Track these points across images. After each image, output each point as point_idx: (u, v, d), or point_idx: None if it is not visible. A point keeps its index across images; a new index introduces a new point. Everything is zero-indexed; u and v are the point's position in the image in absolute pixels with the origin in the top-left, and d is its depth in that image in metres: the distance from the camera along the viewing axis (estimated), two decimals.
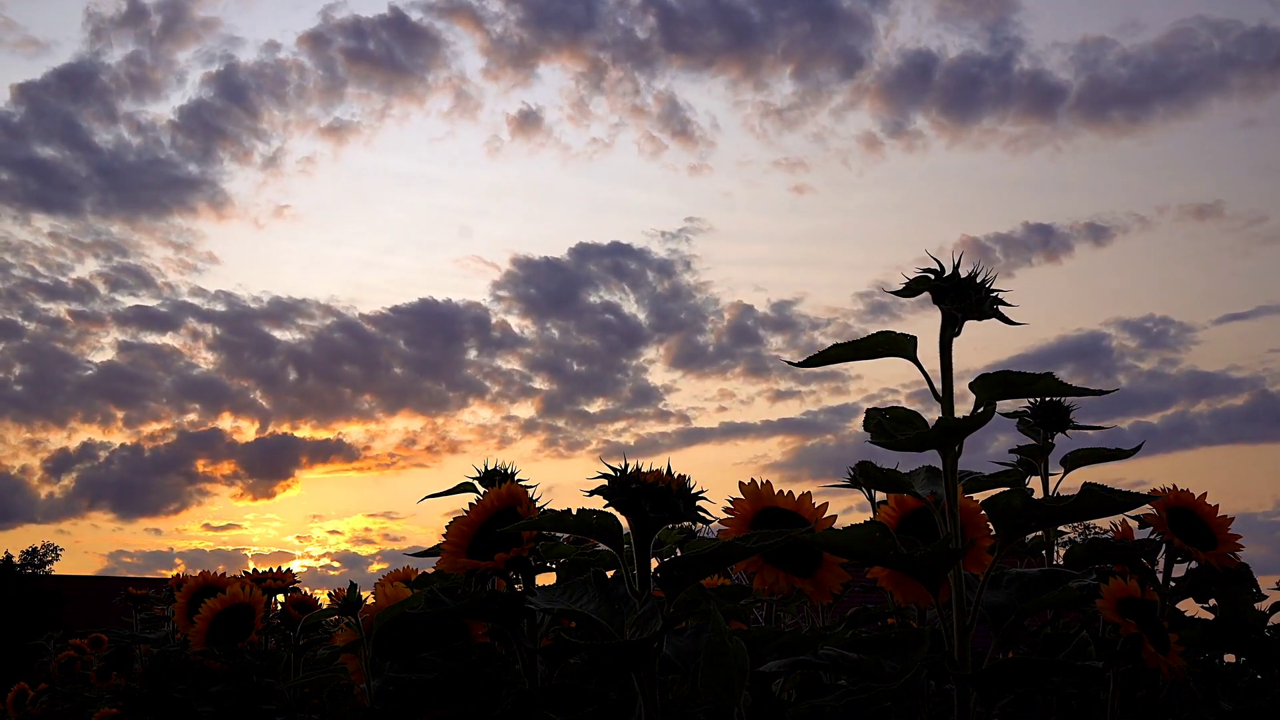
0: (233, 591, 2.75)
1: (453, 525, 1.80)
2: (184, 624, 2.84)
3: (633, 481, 1.51)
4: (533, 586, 1.81)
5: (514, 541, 1.74)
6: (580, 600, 1.56)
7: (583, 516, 1.55)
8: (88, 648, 5.18)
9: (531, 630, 1.78)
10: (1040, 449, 2.30)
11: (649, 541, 1.54)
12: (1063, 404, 2.28)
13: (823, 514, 1.66)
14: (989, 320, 1.47)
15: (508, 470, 2.11)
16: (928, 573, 1.48)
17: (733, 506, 1.66)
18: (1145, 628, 1.71)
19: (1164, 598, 1.95)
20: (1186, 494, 1.95)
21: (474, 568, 1.75)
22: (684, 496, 1.53)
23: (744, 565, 1.65)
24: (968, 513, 1.69)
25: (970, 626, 1.49)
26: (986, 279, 1.45)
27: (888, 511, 1.82)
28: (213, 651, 2.72)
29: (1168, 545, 1.95)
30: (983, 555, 1.64)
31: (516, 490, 1.81)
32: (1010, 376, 1.48)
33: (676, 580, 1.50)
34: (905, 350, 1.49)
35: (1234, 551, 1.94)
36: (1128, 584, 1.73)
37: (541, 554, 1.91)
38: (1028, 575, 1.59)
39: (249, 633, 2.73)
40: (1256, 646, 2.12)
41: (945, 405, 1.47)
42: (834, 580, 1.66)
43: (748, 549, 1.48)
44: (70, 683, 5.09)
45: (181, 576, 3.23)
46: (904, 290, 1.48)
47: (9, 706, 5.03)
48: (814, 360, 1.54)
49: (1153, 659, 1.69)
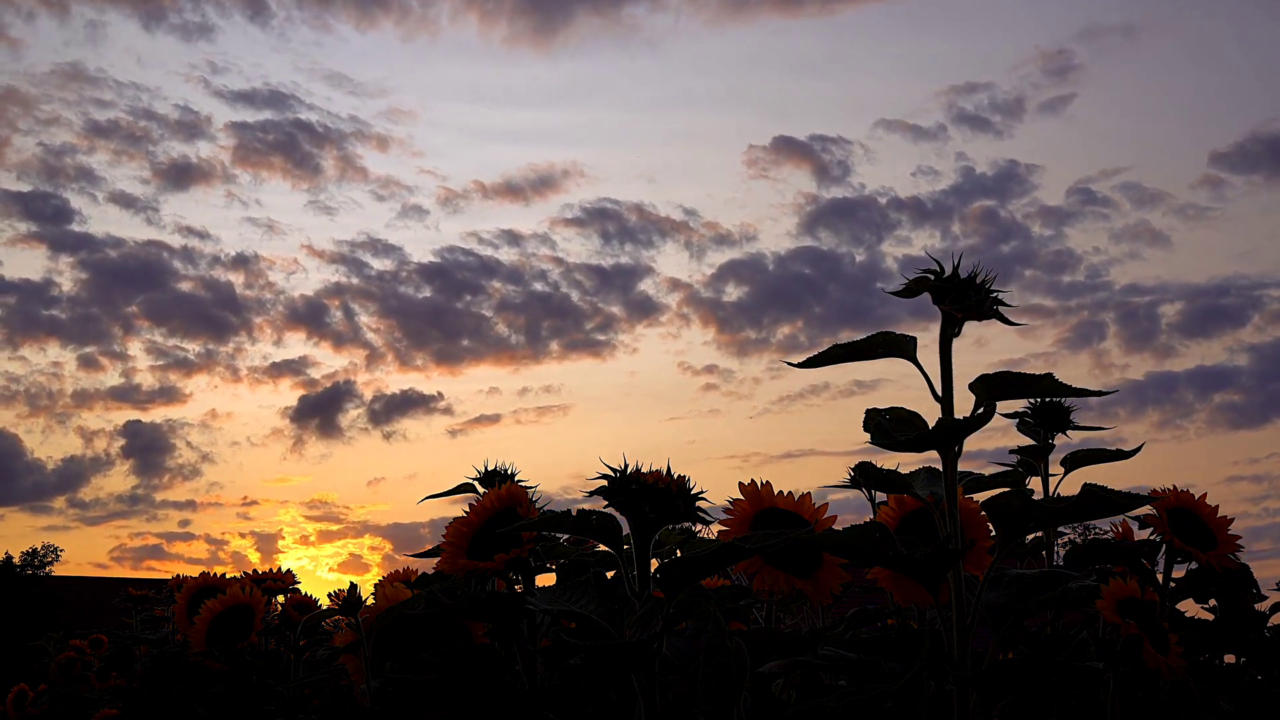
0: (232, 592, 2.75)
1: (453, 526, 1.80)
2: (184, 625, 2.84)
3: (633, 482, 1.51)
4: (532, 587, 1.81)
5: (514, 542, 1.74)
6: (580, 601, 1.56)
7: (582, 517, 1.55)
8: (87, 648, 5.18)
9: (531, 631, 1.78)
10: (1040, 449, 2.30)
11: (649, 542, 1.54)
12: (1063, 404, 2.28)
13: (823, 515, 1.66)
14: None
15: (508, 471, 2.11)
16: (928, 573, 1.48)
17: (732, 507, 1.66)
18: (1145, 628, 1.70)
19: (1164, 598, 1.95)
20: (1186, 495, 1.95)
21: (474, 568, 1.75)
22: (684, 497, 1.53)
23: (744, 566, 1.65)
24: (968, 513, 1.68)
25: (970, 627, 1.49)
26: (986, 279, 1.45)
27: (888, 512, 1.81)
28: (212, 652, 2.72)
29: (1168, 546, 1.95)
30: (983, 556, 1.64)
31: (516, 491, 1.81)
32: (1010, 377, 1.48)
33: (676, 581, 1.50)
34: (905, 350, 1.49)
35: (1234, 552, 1.94)
36: (1128, 585, 1.73)
37: (541, 555, 1.91)
38: (1028, 576, 1.58)
39: (249, 633, 2.73)
40: (1256, 647, 2.12)
41: (945, 406, 1.47)
42: (834, 581, 1.66)
43: (748, 550, 1.48)
44: (70, 683, 5.09)
45: (181, 577, 3.23)
46: (904, 291, 1.48)
47: (9, 707, 5.03)
48: (814, 361, 1.54)
49: (1152, 659, 1.69)
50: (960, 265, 1.45)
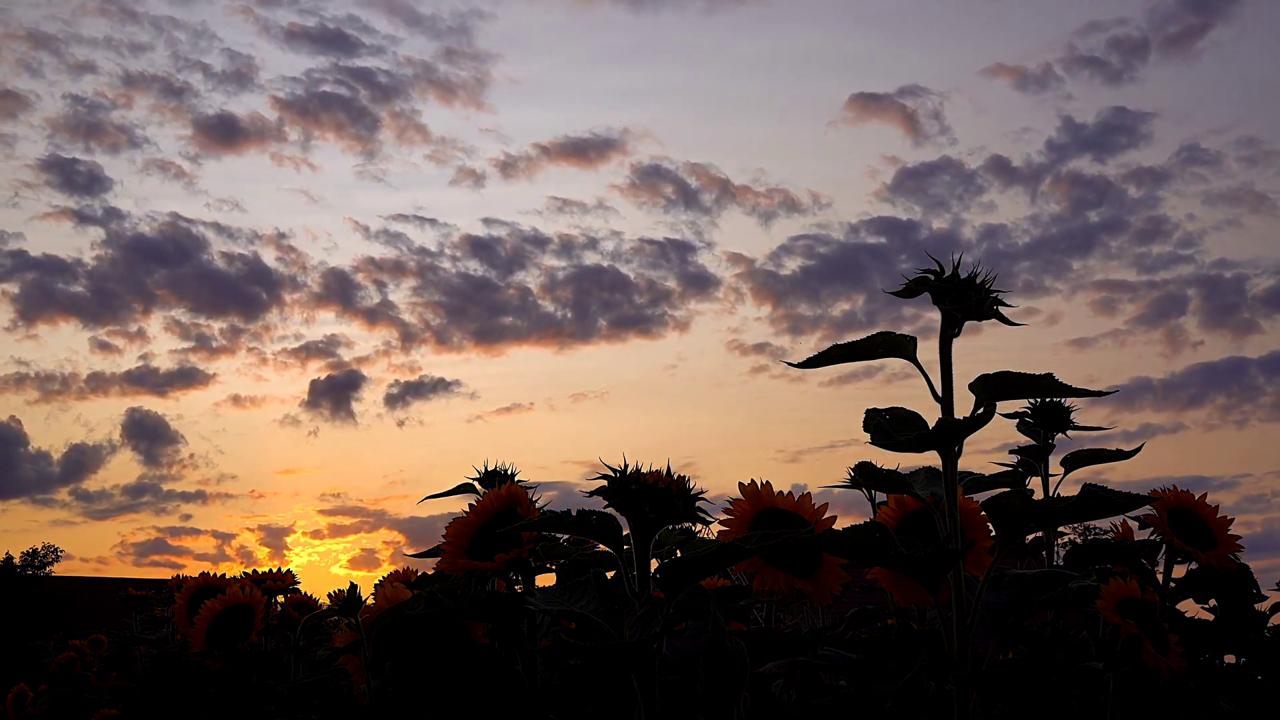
0: (232, 592, 2.75)
1: (453, 526, 1.80)
2: (184, 625, 2.83)
3: (633, 482, 1.51)
4: (532, 587, 1.81)
5: (514, 542, 1.74)
6: (580, 601, 1.56)
7: (582, 517, 1.55)
8: (87, 649, 5.18)
9: (531, 631, 1.78)
10: (1040, 449, 2.30)
11: (649, 542, 1.54)
12: (1063, 404, 2.27)
13: (823, 515, 1.66)
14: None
15: (508, 471, 2.11)
16: (928, 574, 1.48)
17: (732, 507, 1.66)
18: (1145, 628, 1.70)
19: (1164, 598, 1.95)
20: (1187, 495, 1.95)
21: (474, 569, 1.75)
22: (684, 497, 1.53)
23: (744, 566, 1.65)
24: (968, 513, 1.68)
25: (970, 627, 1.49)
26: (986, 279, 1.45)
27: (888, 512, 1.81)
28: (212, 652, 2.72)
29: (1168, 546, 1.95)
30: (983, 556, 1.64)
31: (516, 491, 1.81)
32: (1010, 377, 1.48)
33: (676, 581, 1.50)
34: (904, 351, 1.49)
35: (1234, 552, 1.94)
36: (1128, 585, 1.73)
37: (541, 554, 1.91)
38: (1028, 576, 1.58)
39: (249, 634, 2.73)
40: (1257, 647, 2.12)
41: (945, 406, 1.47)
42: (834, 581, 1.66)
43: (748, 550, 1.48)
44: (70, 684, 5.08)
45: (181, 577, 3.23)
46: (904, 291, 1.48)
47: (9, 707, 5.03)
48: (813, 361, 1.54)
49: (1152, 659, 1.69)
50: (960, 265, 1.45)
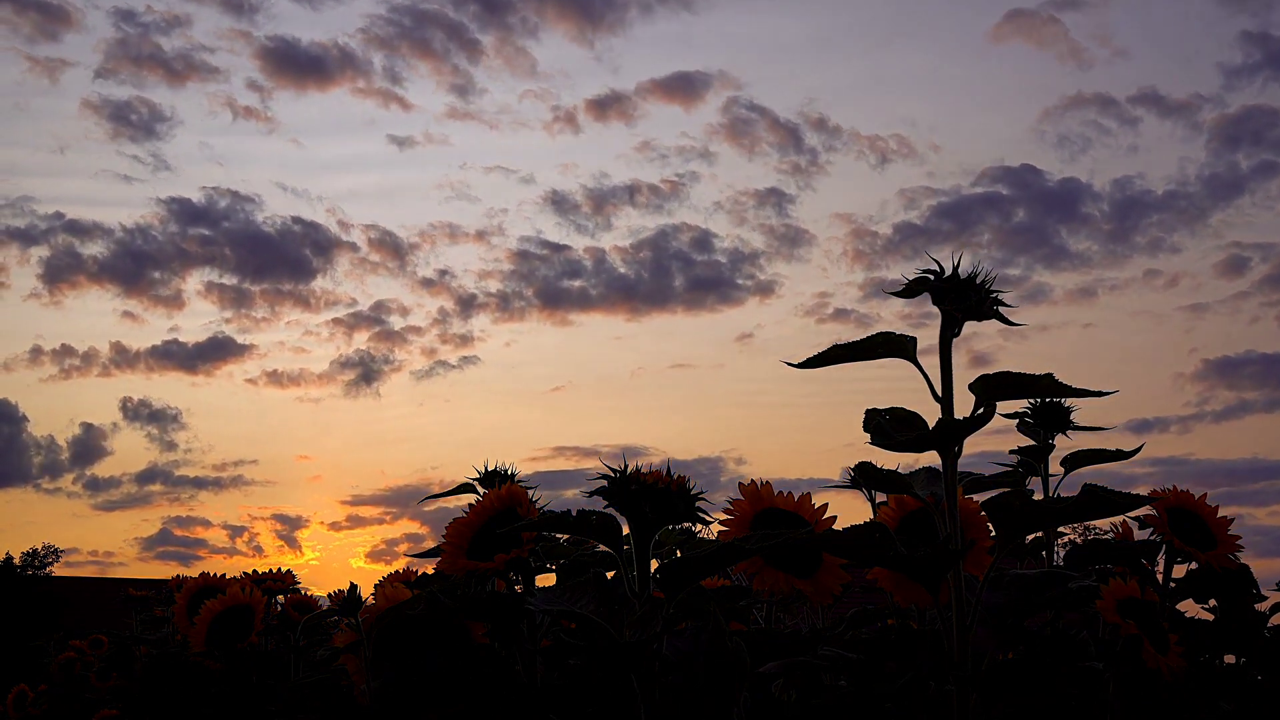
0: (232, 592, 2.75)
1: (452, 526, 1.80)
2: (184, 625, 2.84)
3: (633, 483, 1.51)
4: (532, 587, 1.81)
5: (514, 543, 1.74)
6: (580, 601, 1.56)
7: (582, 518, 1.55)
8: (87, 649, 5.18)
9: (531, 631, 1.78)
10: (1040, 450, 2.30)
11: (649, 542, 1.54)
12: (1063, 404, 2.27)
13: (823, 515, 1.66)
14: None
15: (508, 471, 2.11)
16: (928, 574, 1.48)
17: (732, 507, 1.66)
18: (1145, 629, 1.70)
19: (1164, 599, 1.95)
20: (1187, 495, 1.95)
21: (474, 569, 1.75)
22: (684, 497, 1.53)
23: (744, 566, 1.65)
24: (968, 514, 1.68)
25: (970, 628, 1.49)
26: (986, 279, 1.45)
27: (888, 512, 1.81)
28: (212, 652, 2.72)
29: (1168, 546, 1.95)
30: (983, 556, 1.64)
31: (516, 491, 1.81)
32: (1010, 377, 1.48)
33: (676, 581, 1.50)
34: (905, 351, 1.49)
35: (1234, 552, 1.94)
36: (1128, 585, 1.73)
37: (541, 555, 1.91)
38: (1028, 576, 1.59)
39: (249, 634, 2.73)
40: (1256, 647, 2.12)
41: (945, 406, 1.47)
42: (834, 581, 1.66)
43: (748, 550, 1.48)
44: (70, 684, 5.08)
45: (181, 577, 3.23)
46: (904, 291, 1.48)
47: (9, 707, 5.03)
48: (813, 361, 1.54)
49: (1152, 660, 1.69)
50: (960, 265, 1.45)
